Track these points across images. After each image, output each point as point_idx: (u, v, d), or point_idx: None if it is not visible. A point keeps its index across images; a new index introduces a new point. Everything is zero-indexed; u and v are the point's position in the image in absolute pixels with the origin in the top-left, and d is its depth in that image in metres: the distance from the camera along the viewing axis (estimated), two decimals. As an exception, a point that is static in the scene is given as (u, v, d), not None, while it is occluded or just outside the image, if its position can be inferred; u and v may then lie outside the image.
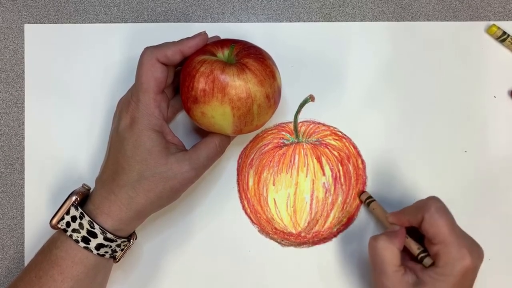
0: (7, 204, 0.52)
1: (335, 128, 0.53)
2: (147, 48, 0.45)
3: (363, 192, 0.52)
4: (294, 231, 0.52)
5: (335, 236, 0.52)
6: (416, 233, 0.47)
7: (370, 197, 0.52)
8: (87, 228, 0.43)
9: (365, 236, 0.52)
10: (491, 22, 0.54)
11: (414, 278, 0.44)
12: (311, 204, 0.52)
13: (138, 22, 0.54)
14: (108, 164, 0.45)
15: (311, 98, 0.53)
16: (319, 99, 0.53)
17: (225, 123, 0.44)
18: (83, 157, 0.52)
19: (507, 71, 0.54)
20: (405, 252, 0.47)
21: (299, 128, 0.53)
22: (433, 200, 0.45)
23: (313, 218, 0.52)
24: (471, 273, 0.43)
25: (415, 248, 0.46)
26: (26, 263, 0.51)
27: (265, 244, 0.52)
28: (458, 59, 0.54)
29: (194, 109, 0.44)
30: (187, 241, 0.52)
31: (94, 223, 0.43)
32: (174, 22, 0.54)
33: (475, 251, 0.44)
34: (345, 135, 0.53)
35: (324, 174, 0.52)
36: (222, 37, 0.49)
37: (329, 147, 0.53)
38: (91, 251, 0.43)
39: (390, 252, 0.44)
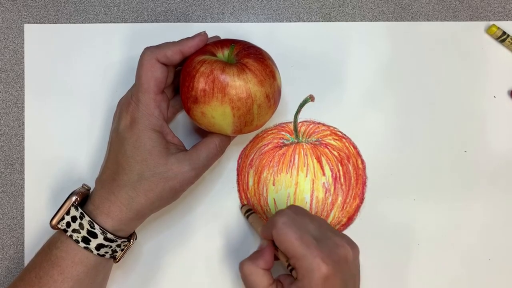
0: (7, 204, 0.52)
1: (335, 128, 0.53)
2: (147, 48, 0.45)
3: (244, 205, 0.52)
4: (294, 231, 0.52)
5: (335, 236, 0.52)
6: None
7: (249, 209, 0.51)
8: (87, 229, 0.43)
9: (365, 236, 0.52)
10: (491, 22, 0.54)
11: None
12: (311, 204, 0.52)
13: (138, 22, 0.54)
14: (108, 164, 0.45)
15: (311, 98, 0.53)
16: (319, 99, 0.53)
17: (225, 123, 0.44)
18: (83, 157, 0.52)
19: (507, 71, 0.54)
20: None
21: (299, 128, 0.53)
22: (279, 216, 0.43)
23: (313, 218, 0.52)
24: (334, 278, 0.41)
25: (283, 261, 0.45)
26: (26, 263, 0.51)
27: (265, 244, 0.52)
28: (458, 59, 0.54)
29: (194, 109, 0.44)
30: (187, 241, 0.52)
31: (94, 223, 0.43)
32: (174, 22, 0.54)
33: (333, 255, 0.42)
34: (345, 135, 0.53)
35: (324, 174, 0.52)
36: (222, 37, 0.49)
37: (329, 147, 0.53)
38: (91, 251, 0.43)
39: (255, 275, 0.44)
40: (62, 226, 0.44)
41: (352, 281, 0.44)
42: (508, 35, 0.54)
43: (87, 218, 0.43)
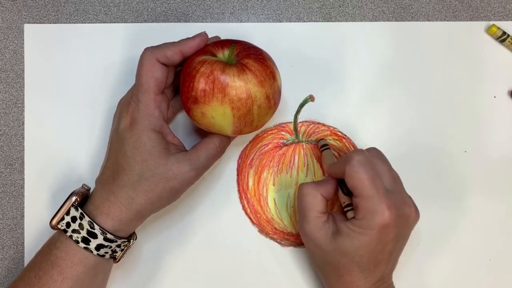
0: (7, 204, 0.52)
1: (335, 128, 0.53)
2: (147, 49, 0.45)
3: (321, 139, 0.52)
4: (294, 231, 0.52)
5: (335, 236, 0.52)
6: None
7: (326, 145, 0.51)
8: (87, 229, 0.43)
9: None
10: (491, 22, 0.54)
11: (335, 227, 0.44)
12: (311, 204, 0.52)
13: (138, 22, 0.54)
14: (108, 164, 0.45)
15: (311, 98, 0.53)
16: (319, 99, 0.53)
17: (225, 123, 0.44)
18: (83, 158, 0.52)
19: (507, 71, 0.54)
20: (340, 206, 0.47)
21: (299, 128, 0.53)
22: (356, 153, 0.43)
23: (313, 218, 0.52)
24: (390, 230, 0.42)
25: (343, 200, 0.46)
26: (26, 263, 0.51)
27: (265, 244, 0.52)
28: (458, 59, 0.54)
29: (194, 109, 0.44)
30: (187, 241, 0.52)
31: (94, 223, 0.43)
32: (174, 22, 0.54)
33: (398, 208, 0.42)
34: (345, 135, 0.53)
35: (324, 174, 0.52)
36: (222, 37, 0.49)
37: (329, 147, 0.53)
38: (91, 252, 0.43)
39: (313, 198, 0.45)
40: (62, 226, 0.44)
41: (402, 241, 0.45)
42: (508, 35, 0.54)
43: (87, 218, 0.43)
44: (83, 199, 0.45)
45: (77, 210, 0.43)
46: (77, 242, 0.43)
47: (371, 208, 0.42)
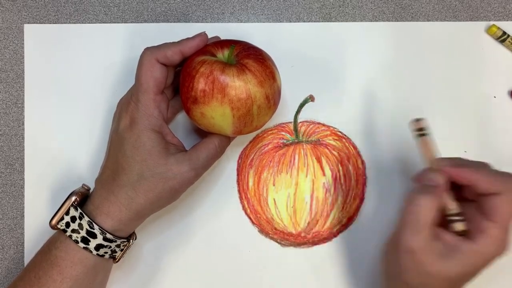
0: (7, 204, 0.52)
1: (335, 128, 0.53)
2: (147, 49, 0.45)
3: (418, 120, 0.42)
4: (294, 231, 0.52)
5: (335, 236, 0.52)
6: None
7: (422, 129, 0.42)
8: (86, 229, 0.43)
9: (365, 237, 0.52)
10: (491, 22, 0.54)
11: (442, 247, 0.38)
12: (311, 204, 0.52)
13: (138, 22, 0.54)
14: (108, 164, 0.45)
15: (311, 98, 0.53)
16: (319, 99, 0.53)
17: (224, 123, 0.44)
18: (83, 157, 0.52)
19: (507, 71, 0.54)
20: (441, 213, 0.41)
21: (299, 128, 0.53)
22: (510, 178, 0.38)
23: (313, 218, 0.52)
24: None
25: (450, 207, 0.39)
26: (26, 263, 0.51)
27: (265, 244, 0.52)
28: (458, 59, 0.54)
29: (193, 109, 0.44)
30: (187, 241, 0.52)
31: (93, 223, 0.43)
32: (174, 22, 0.54)
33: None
34: (345, 135, 0.53)
35: (324, 174, 0.52)
36: (222, 37, 0.49)
37: (329, 147, 0.53)
38: (91, 252, 0.43)
39: (429, 211, 0.38)
40: (61, 226, 0.44)
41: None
42: (508, 35, 0.54)
43: (86, 218, 0.43)
44: (83, 199, 0.45)
45: (76, 210, 0.43)
46: (77, 242, 0.43)
47: (502, 239, 0.38)
